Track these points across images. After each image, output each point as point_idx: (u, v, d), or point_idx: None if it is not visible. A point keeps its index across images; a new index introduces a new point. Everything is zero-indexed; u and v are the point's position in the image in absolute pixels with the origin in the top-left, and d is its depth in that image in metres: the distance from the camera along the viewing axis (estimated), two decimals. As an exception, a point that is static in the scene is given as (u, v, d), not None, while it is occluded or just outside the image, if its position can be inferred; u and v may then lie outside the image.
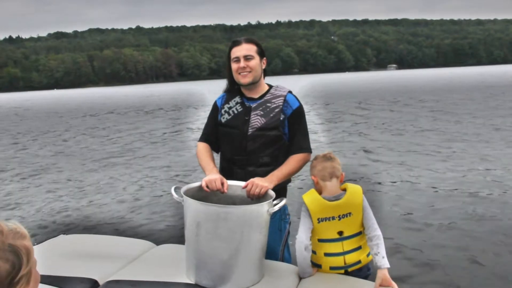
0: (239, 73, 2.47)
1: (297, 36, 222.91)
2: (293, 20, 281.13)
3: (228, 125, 2.52)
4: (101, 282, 2.04)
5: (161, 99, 39.97)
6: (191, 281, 2.03)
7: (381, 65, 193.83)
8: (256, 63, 2.48)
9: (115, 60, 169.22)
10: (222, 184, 2.25)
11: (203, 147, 2.59)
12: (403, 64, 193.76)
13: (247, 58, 2.46)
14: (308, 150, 2.52)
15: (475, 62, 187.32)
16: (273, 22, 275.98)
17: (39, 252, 2.38)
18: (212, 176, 2.27)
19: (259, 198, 2.21)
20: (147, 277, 2.05)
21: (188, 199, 2.02)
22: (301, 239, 2.13)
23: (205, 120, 2.70)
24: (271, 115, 2.46)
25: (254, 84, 2.51)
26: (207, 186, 2.23)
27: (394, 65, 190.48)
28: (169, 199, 6.19)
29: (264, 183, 2.23)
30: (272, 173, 2.37)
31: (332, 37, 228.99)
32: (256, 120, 2.46)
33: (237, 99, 2.55)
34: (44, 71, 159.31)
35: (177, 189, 2.17)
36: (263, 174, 2.35)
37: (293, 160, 2.44)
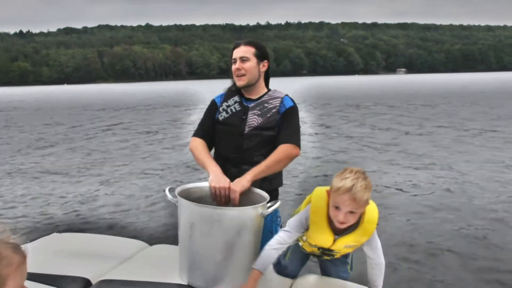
0: (236, 75, 2.49)
1: (306, 38, 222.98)
2: (303, 21, 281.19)
3: (225, 123, 2.52)
4: (93, 281, 2.03)
5: (165, 97, 39.94)
6: (183, 282, 2.03)
7: (390, 69, 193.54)
8: (251, 65, 2.47)
9: (125, 56, 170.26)
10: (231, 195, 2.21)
11: (200, 143, 2.54)
12: (412, 68, 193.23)
13: (243, 60, 2.46)
14: (296, 143, 2.42)
15: (485, 68, 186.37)
16: (282, 23, 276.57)
17: (32, 250, 2.37)
18: (221, 183, 2.22)
19: (228, 202, 2.19)
20: (140, 277, 2.04)
21: (182, 200, 2.01)
22: None
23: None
24: (268, 115, 2.46)
25: (249, 87, 2.51)
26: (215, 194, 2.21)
27: (403, 69, 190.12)
28: (163, 200, 6.14)
29: (235, 186, 2.20)
30: (249, 171, 2.30)
31: (342, 39, 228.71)
32: (253, 119, 2.46)
33: (236, 98, 2.55)
34: (54, 66, 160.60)
35: (171, 190, 2.16)
36: None
37: (278, 151, 2.37)
